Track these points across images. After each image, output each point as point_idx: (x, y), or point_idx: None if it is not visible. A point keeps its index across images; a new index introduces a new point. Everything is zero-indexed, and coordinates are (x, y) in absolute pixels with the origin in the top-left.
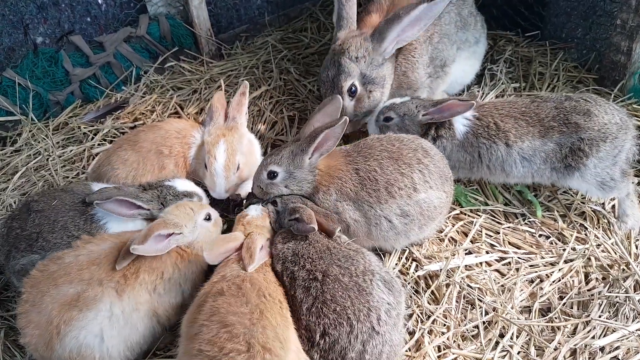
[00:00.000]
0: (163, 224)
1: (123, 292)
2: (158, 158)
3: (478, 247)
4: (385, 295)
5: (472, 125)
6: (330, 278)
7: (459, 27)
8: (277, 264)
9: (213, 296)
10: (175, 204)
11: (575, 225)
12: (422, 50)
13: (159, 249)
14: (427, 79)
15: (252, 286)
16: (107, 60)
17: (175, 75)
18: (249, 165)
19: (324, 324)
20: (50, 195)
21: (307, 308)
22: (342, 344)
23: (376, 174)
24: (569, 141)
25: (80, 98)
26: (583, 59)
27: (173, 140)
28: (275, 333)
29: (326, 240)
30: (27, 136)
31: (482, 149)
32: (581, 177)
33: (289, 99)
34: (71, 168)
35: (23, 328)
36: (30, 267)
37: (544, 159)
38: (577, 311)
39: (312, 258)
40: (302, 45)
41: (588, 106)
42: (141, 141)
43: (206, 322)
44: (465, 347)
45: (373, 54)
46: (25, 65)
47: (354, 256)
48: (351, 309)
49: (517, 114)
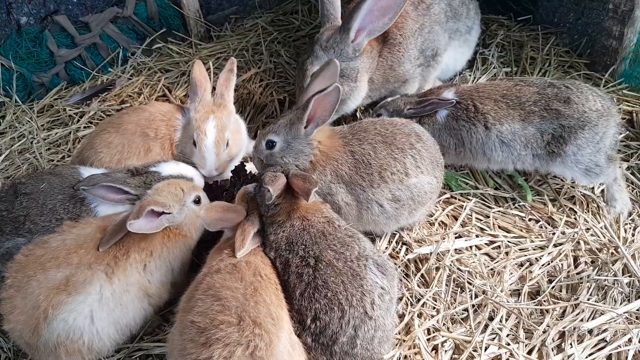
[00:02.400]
0: (154, 202)
1: (113, 274)
2: (143, 141)
3: (468, 231)
4: (379, 279)
5: (452, 108)
6: (323, 263)
7: (449, 17)
8: (270, 251)
9: (210, 274)
10: (167, 181)
11: (565, 209)
12: (407, 43)
13: (153, 227)
14: (417, 69)
15: (248, 265)
16: (93, 41)
17: (163, 57)
18: (237, 144)
19: (315, 309)
20: (38, 178)
21: (299, 293)
22: (333, 328)
23: (370, 157)
24: (550, 128)
25: (65, 80)
26: (575, 44)
27: (158, 123)
28: (268, 310)
29: (321, 226)
30: (11, 118)
31: (463, 132)
32: (562, 163)
33: (279, 82)
34: (56, 151)
35: (7, 314)
36: (16, 251)
37: (524, 144)
38: (565, 294)
39: (305, 244)
40: (293, 27)
41: (569, 93)
42: (125, 123)
43: (201, 296)
44: (454, 330)
45: (342, 45)
46: (8, 46)
47: (349, 242)
48: (343, 294)
49: (497, 97)
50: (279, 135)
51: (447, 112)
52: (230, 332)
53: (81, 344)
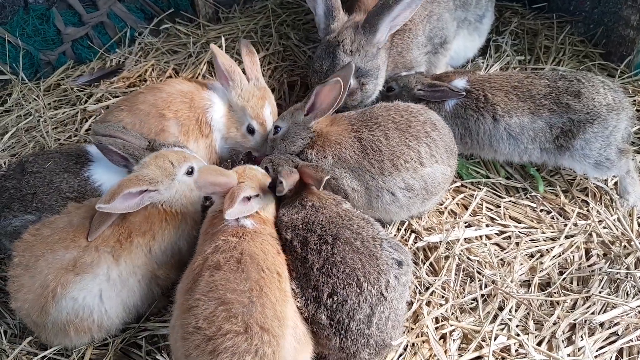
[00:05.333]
0: (135, 181)
1: (120, 256)
2: (159, 121)
3: (478, 220)
4: (396, 255)
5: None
6: (341, 241)
7: (458, 6)
8: (287, 232)
9: (209, 269)
10: (155, 153)
11: (577, 201)
12: (417, 30)
13: (130, 206)
14: (424, 56)
15: (252, 260)
16: (101, 20)
17: (171, 38)
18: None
19: (332, 284)
20: (44, 157)
21: (317, 269)
22: (350, 304)
23: (381, 144)
24: (559, 121)
25: (72, 59)
26: (590, 33)
27: (178, 105)
28: (274, 311)
29: (335, 207)
30: (18, 96)
31: (471, 122)
32: (571, 157)
33: (288, 65)
34: (63, 130)
35: (14, 292)
36: (24, 229)
37: (532, 138)
38: (576, 287)
39: (322, 224)
40: (302, 10)
41: (580, 87)
42: (139, 103)
43: (203, 297)
44: (463, 319)
45: (367, 47)
46: (15, 23)
47: (363, 225)
48: (361, 271)
49: (508, 88)
50: (284, 121)
51: (456, 101)
52: (238, 341)
53: (91, 322)
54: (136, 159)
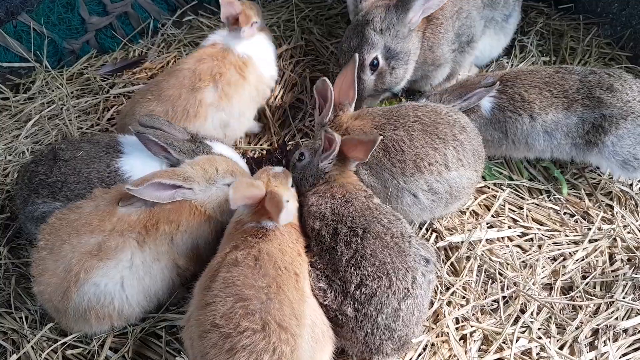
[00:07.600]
0: (170, 174)
1: (144, 242)
2: (193, 98)
3: (500, 222)
4: (424, 252)
5: (497, 99)
6: (372, 234)
7: (486, 4)
8: (315, 221)
9: (227, 266)
10: (208, 156)
11: (601, 204)
12: (448, 25)
13: (161, 197)
14: (451, 54)
15: (270, 258)
16: (125, 10)
17: (194, 30)
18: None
19: (361, 275)
20: (76, 145)
21: (346, 260)
22: (380, 297)
23: (404, 144)
24: (591, 117)
25: (95, 48)
26: (617, 36)
27: (209, 65)
28: (292, 309)
29: (365, 200)
30: (41, 84)
31: (509, 123)
32: (599, 153)
33: (310, 60)
34: (86, 119)
35: (38, 276)
36: (50, 215)
37: (566, 133)
38: (600, 291)
39: (352, 216)
40: (325, 5)
41: (612, 81)
42: (165, 90)
43: (220, 293)
44: (484, 320)
45: (398, 26)
46: (41, 11)
47: (393, 221)
48: (391, 266)
49: (541, 84)
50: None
51: (492, 105)
52: (256, 339)
53: (112, 309)
54: (175, 150)
